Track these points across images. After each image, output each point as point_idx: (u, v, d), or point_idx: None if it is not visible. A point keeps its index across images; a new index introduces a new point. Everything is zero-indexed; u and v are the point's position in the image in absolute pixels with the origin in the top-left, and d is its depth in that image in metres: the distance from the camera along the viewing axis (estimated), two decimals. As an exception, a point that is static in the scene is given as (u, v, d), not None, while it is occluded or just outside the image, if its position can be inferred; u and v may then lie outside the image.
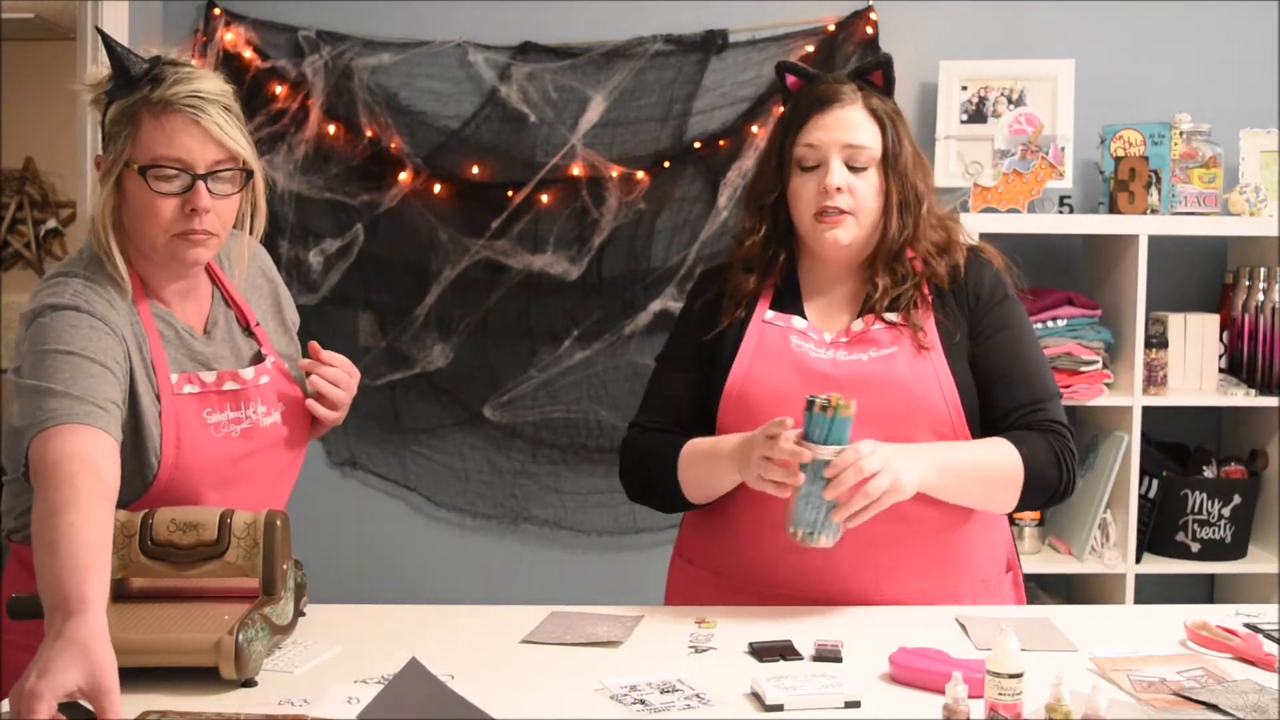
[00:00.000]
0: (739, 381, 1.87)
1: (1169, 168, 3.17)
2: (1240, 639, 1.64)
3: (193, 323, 1.77)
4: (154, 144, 1.65)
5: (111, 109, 1.69)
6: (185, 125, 1.65)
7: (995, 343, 1.88)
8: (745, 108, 3.39)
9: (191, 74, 1.68)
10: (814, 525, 1.69)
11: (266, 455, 1.78)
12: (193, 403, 1.70)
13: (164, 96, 1.65)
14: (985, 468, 1.80)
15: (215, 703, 1.44)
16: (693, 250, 3.40)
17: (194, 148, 1.65)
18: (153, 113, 1.65)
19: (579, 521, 3.52)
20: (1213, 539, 3.17)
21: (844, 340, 1.87)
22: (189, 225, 1.66)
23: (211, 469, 1.70)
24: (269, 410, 1.78)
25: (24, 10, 5.77)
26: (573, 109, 3.41)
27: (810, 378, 1.83)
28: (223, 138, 1.66)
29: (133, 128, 1.67)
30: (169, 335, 1.72)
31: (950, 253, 1.91)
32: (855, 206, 1.85)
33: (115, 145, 1.68)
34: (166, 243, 1.68)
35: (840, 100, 1.87)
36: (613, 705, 1.46)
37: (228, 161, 1.68)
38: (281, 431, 1.79)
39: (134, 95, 1.67)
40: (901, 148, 1.87)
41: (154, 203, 1.66)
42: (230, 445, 1.72)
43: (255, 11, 3.44)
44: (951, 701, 1.36)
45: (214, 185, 1.67)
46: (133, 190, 1.68)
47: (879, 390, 1.80)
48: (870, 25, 3.36)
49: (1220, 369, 3.22)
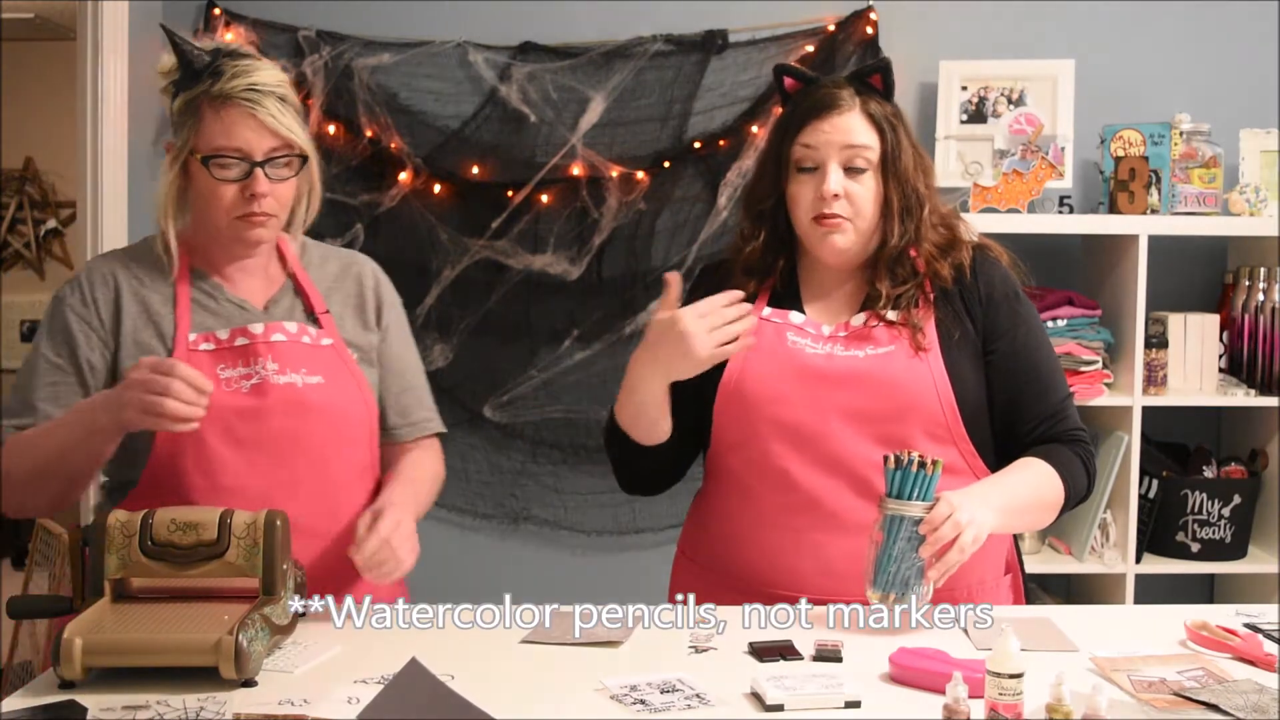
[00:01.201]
0: (734, 377, 1.86)
1: (1169, 168, 3.17)
2: (1240, 639, 1.64)
3: (252, 298, 1.90)
4: (215, 135, 1.80)
5: (178, 100, 1.84)
6: (243, 117, 1.79)
7: (1012, 347, 1.87)
8: (745, 108, 3.39)
9: (249, 67, 1.81)
10: (907, 586, 1.67)
11: (292, 418, 1.82)
12: (206, 358, 1.82)
13: (223, 90, 1.79)
14: (1035, 498, 1.83)
15: (215, 703, 1.44)
16: (693, 250, 3.40)
17: (251, 138, 1.79)
18: (213, 106, 1.80)
19: (579, 521, 3.52)
20: (1213, 539, 3.17)
21: (842, 335, 1.87)
22: (249, 209, 1.81)
23: (218, 417, 1.76)
24: (283, 369, 1.84)
25: (24, 10, 5.77)
26: (573, 109, 3.41)
27: (805, 373, 1.83)
28: (278, 128, 1.80)
29: (195, 119, 1.81)
30: (209, 305, 1.87)
31: (954, 251, 1.90)
32: (853, 212, 1.84)
33: (181, 134, 1.83)
34: (229, 225, 1.83)
35: (839, 106, 1.85)
36: (613, 705, 1.46)
37: (283, 149, 1.82)
38: (304, 394, 1.84)
39: (196, 88, 1.81)
40: (901, 152, 1.86)
41: (216, 189, 1.81)
42: (240, 399, 1.81)
43: (255, 11, 3.44)
44: (952, 701, 1.36)
45: (271, 171, 1.81)
46: (197, 177, 1.83)
47: (873, 389, 1.80)
48: (870, 25, 3.36)
49: (1220, 369, 3.22)
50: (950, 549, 1.65)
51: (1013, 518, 1.80)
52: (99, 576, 1.61)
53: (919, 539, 1.66)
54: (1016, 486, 1.81)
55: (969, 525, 1.66)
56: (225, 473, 1.79)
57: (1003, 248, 1.97)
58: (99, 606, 1.59)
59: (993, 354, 1.87)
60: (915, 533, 1.66)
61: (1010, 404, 1.87)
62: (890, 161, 1.85)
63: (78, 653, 1.48)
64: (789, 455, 1.82)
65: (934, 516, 1.65)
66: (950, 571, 1.67)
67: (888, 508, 1.68)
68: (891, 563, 1.67)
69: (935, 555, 1.66)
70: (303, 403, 1.84)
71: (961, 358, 1.85)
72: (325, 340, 1.90)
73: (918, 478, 1.67)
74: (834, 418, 1.81)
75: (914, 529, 1.66)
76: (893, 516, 1.67)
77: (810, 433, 1.81)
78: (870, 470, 1.78)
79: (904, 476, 1.67)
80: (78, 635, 1.49)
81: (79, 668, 1.48)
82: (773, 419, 1.83)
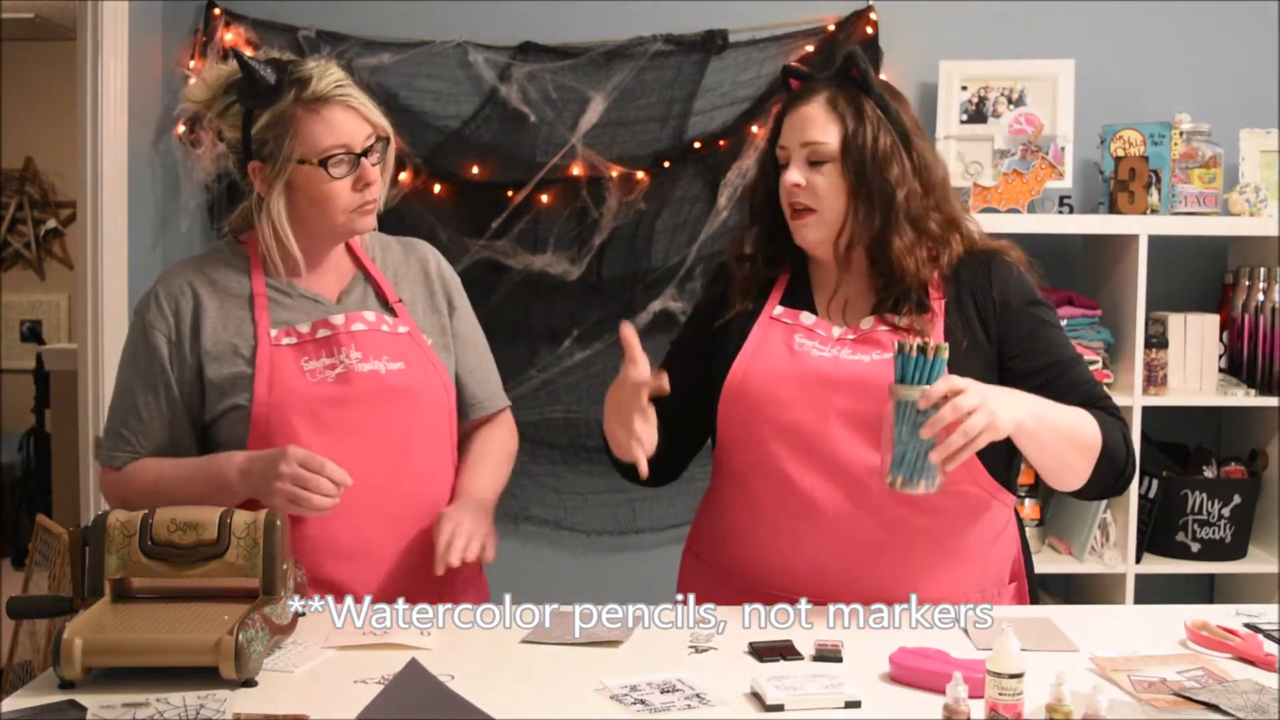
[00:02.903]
0: (738, 376, 1.86)
1: (1169, 168, 3.17)
2: (1240, 639, 1.64)
3: (325, 291, 1.94)
4: (321, 137, 1.83)
5: (263, 117, 1.84)
6: (341, 112, 1.84)
7: (1034, 348, 1.84)
8: (745, 108, 3.39)
9: (320, 67, 1.86)
10: (912, 469, 1.65)
11: (377, 405, 1.87)
12: (289, 353, 1.86)
13: (316, 92, 1.83)
14: (1073, 428, 1.76)
15: (216, 700, 1.44)
16: (693, 250, 3.40)
17: (352, 130, 1.85)
18: (309, 109, 1.83)
19: (579, 521, 3.52)
20: (1213, 539, 3.17)
21: (850, 338, 1.86)
22: (363, 199, 1.87)
23: (306, 408, 1.84)
24: (366, 357, 1.88)
25: (24, 10, 5.78)
26: (573, 109, 3.41)
27: (807, 376, 1.82)
28: (369, 114, 1.87)
29: (291, 128, 1.83)
30: (284, 302, 1.91)
31: (949, 243, 1.87)
32: (817, 203, 1.84)
33: (278, 148, 1.84)
34: (344, 219, 1.87)
35: (803, 100, 1.86)
36: (613, 705, 1.46)
37: (373, 134, 1.87)
38: (389, 382, 1.89)
39: (281, 100, 1.83)
40: (864, 142, 1.82)
41: (332, 189, 1.84)
42: (326, 389, 1.86)
43: (255, 11, 3.44)
44: (952, 702, 1.36)
45: (370, 158, 1.86)
46: (306, 183, 1.85)
47: (874, 395, 1.78)
48: (870, 25, 3.36)
49: (1220, 369, 3.22)
50: (955, 432, 1.61)
51: (1045, 429, 1.72)
52: (99, 576, 1.61)
53: (923, 422, 1.63)
54: (1056, 407, 1.75)
55: (979, 409, 1.61)
56: None
57: (1022, 254, 1.93)
58: (99, 606, 1.59)
59: (1014, 359, 1.84)
60: (920, 417, 1.64)
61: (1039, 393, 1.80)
62: (851, 151, 1.83)
63: (78, 653, 1.48)
64: (788, 456, 1.82)
65: (930, 393, 1.62)
66: (957, 455, 1.62)
67: (894, 394, 1.67)
68: (899, 444, 1.65)
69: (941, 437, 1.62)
70: (387, 389, 1.89)
71: (970, 365, 1.80)
72: (401, 328, 1.94)
73: (917, 362, 1.65)
74: (835, 421, 1.80)
75: (919, 414, 1.64)
76: (898, 402, 1.66)
77: (810, 435, 1.81)
78: (869, 476, 1.77)
79: (905, 362, 1.65)
80: (78, 635, 1.49)
81: (79, 668, 1.48)
82: (773, 420, 1.83)
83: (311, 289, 1.93)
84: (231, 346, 1.87)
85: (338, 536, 1.84)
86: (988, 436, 1.63)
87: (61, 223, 6.60)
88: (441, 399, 1.96)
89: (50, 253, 6.71)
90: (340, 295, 1.95)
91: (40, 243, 6.68)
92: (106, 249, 3.21)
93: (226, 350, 1.86)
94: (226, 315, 1.89)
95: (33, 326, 6.71)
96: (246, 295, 1.90)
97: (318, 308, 1.92)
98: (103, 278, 3.20)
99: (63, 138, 5.44)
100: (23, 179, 6.61)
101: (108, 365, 3.19)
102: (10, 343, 6.71)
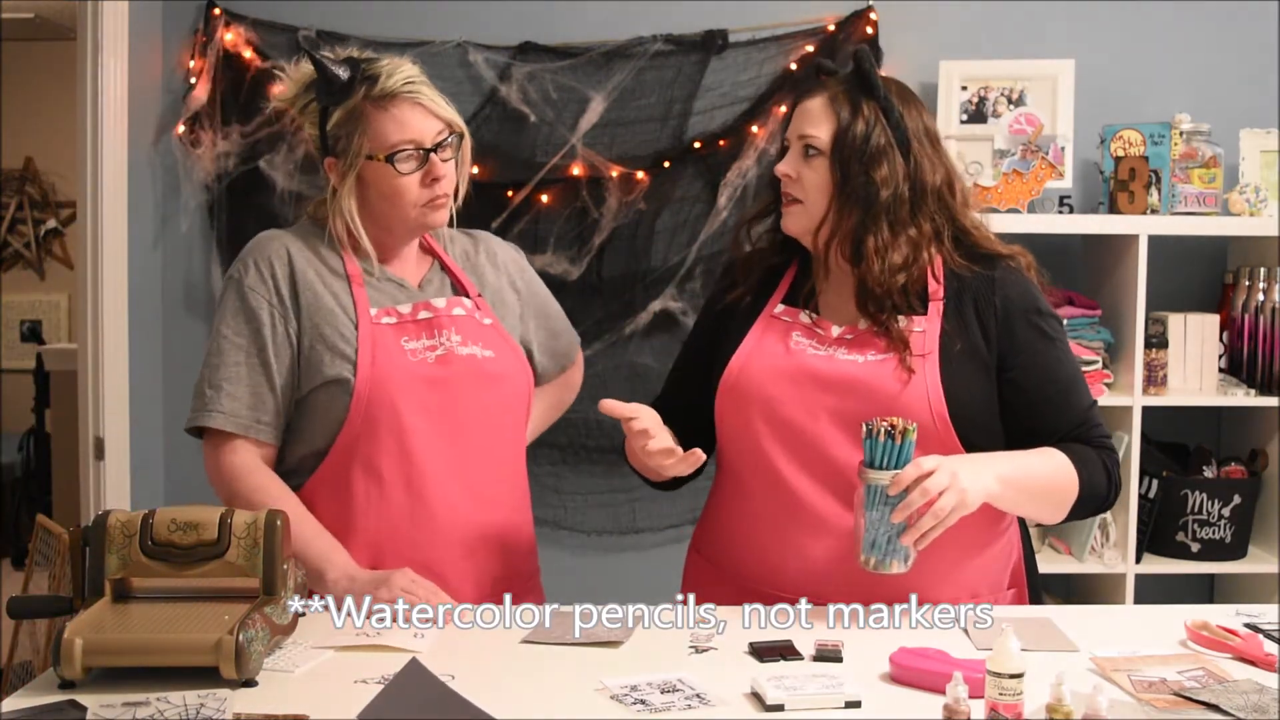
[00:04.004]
0: (734, 372, 1.88)
1: (1169, 168, 3.17)
2: (1240, 639, 1.64)
3: (408, 278, 1.99)
4: (390, 133, 1.87)
5: (336, 114, 1.89)
6: (411, 109, 1.88)
7: (1033, 362, 1.84)
8: (745, 108, 3.39)
9: (391, 64, 1.90)
10: (885, 551, 1.69)
11: (473, 387, 1.93)
12: (390, 331, 1.90)
13: (385, 89, 1.87)
14: (1045, 481, 1.80)
15: (216, 699, 1.44)
16: (693, 250, 3.40)
17: (422, 126, 1.88)
18: (379, 106, 1.87)
19: (579, 521, 3.52)
20: (1213, 539, 3.17)
21: (848, 338, 1.86)
22: (433, 194, 1.90)
23: (407, 386, 1.87)
24: (465, 340, 1.94)
25: (24, 10, 5.77)
26: (573, 109, 3.41)
27: (801, 375, 1.83)
28: (440, 110, 1.90)
29: (362, 124, 1.88)
30: (371, 283, 1.94)
31: (934, 252, 1.86)
32: (803, 194, 1.86)
33: (349, 144, 1.89)
34: (416, 214, 1.91)
35: (812, 93, 1.88)
36: (613, 705, 1.46)
37: (445, 130, 1.91)
38: (484, 366, 1.94)
39: (352, 97, 1.88)
40: (854, 139, 1.82)
41: (400, 184, 1.88)
42: (427, 369, 1.90)
43: (255, 11, 3.44)
44: (952, 702, 1.36)
45: (441, 154, 1.90)
46: (376, 178, 1.89)
47: (864, 396, 1.79)
48: (870, 25, 3.36)
49: (1220, 369, 3.22)
50: (925, 514, 1.65)
51: (1018, 493, 1.76)
52: (99, 576, 1.61)
53: (894, 505, 1.66)
54: (1027, 463, 1.79)
55: (949, 490, 1.65)
56: (416, 440, 1.87)
57: (1030, 257, 1.93)
58: (99, 606, 1.59)
59: (1013, 370, 1.84)
60: (891, 500, 1.67)
61: (1032, 419, 1.84)
62: (840, 148, 1.83)
63: (78, 653, 1.48)
64: (780, 455, 1.82)
65: (900, 479, 1.65)
66: (929, 536, 1.66)
67: (863, 477, 1.70)
68: (870, 527, 1.69)
69: (912, 520, 1.66)
70: (485, 374, 1.94)
71: (962, 370, 1.81)
72: (486, 320, 1.99)
73: (885, 446, 1.67)
74: (826, 421, 1.81)
75: (889, 498, 1.67)
76: (868, 485, 1.69)
77: (801, 434, 1.82)
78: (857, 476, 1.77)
79: (874, 446, 1.68)
80: (78, 635, 1.49)
81: (79, 668, 1.48)
82: (766, 417, 1.83)
83: (396, 274, 1.97)
84: (332, 321, 1.89)
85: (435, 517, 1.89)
86: (958, 514, 1.67)
87: (61, 223, 6.60)
88: (525, 387, 2.02)
89: (50, 253, 6.71)
90: (420, 282, 2.00)
91: (40, 243, 6.68)
92: (106, 249, 3.21)
93: (327, 324, 1.89)
94: (324, 284, 1.91)
95: (33, 326, 6.71)
96: (343, 272, 1.93)
97: (403, 292, 1.96)
98: (103, 278, 3.20)
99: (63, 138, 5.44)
100: (23, 179, 6.61)
101: (108, 365, 3.20)
102: (10, 343, 6.71)
